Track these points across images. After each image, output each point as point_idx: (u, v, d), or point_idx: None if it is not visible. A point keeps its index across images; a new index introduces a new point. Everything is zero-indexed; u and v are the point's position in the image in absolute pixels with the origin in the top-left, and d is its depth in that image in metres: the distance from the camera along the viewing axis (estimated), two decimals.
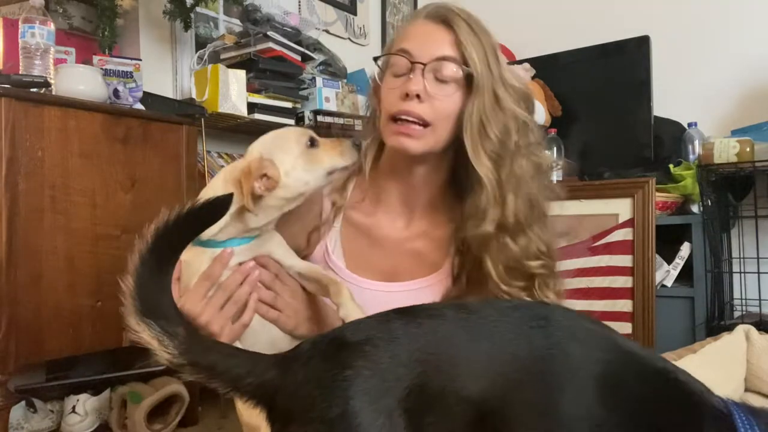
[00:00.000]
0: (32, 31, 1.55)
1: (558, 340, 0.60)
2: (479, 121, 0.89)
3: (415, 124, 0.90)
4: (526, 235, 0.90)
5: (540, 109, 2.26)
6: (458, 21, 0.92)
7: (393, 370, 0.57)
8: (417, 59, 0.90)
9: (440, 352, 0.59)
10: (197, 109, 1.96)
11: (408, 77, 0.90)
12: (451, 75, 0.90)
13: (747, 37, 2.29)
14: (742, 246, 2.15)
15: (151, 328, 0.60)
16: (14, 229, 1.43)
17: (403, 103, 0.89)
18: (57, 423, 1.69)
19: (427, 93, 0.89)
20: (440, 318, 0.62)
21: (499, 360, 0.59)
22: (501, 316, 0.63)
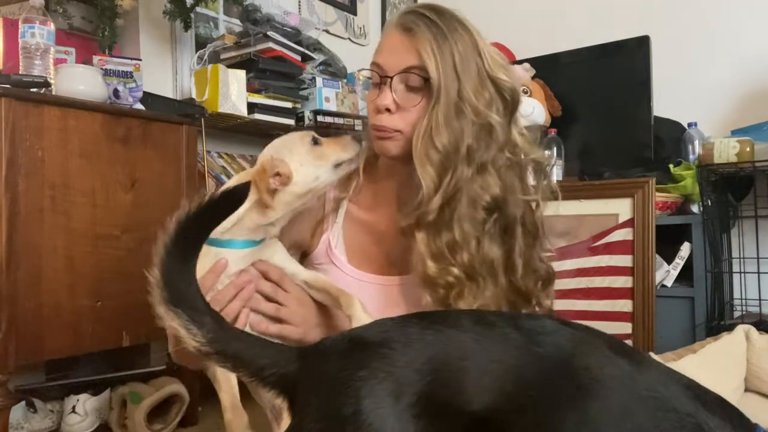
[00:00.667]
0: (32, 31, 1.55)
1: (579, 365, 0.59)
2: (428, 128, 0.92)
3: (390, 132, 0.96)
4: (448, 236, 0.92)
5: (540, 109, 2.27)
6: (421, 29, 0.93)
7: (406, 375, 0.58)
8: (385, 73, 0.95)
9: (451, 363, 0.59)
10: (197, 109, 1.96)
11: (380, 90, 0.96)
12: (416, 84, 0.94)
13: (747, 37, 2.29)
14: (742, 246, 2.15)
15: (179, 317, 0.61)
16: (14, 229, 1.43)
17: (377, 116, 0.96)
18: (57, 423, 1.69)
19: (396, 105, 0.94)
20: (457, 328, 0.63)
21: (507, 378, 0.59)
22: (516, 331, 0.63)
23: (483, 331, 0.63)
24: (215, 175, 2.13)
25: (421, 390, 0.57)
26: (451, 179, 0.91)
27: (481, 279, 0.93)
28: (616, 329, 1.82)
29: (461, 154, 0.91)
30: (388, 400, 0.57)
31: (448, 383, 0.58)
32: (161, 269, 0.62)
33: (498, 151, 0.94)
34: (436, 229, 0.92)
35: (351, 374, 0.58)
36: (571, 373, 0.59)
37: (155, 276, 0.62)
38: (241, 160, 2.31)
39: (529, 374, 0.59)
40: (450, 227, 0.91)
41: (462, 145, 0.91)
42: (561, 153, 2.22)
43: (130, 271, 1.66)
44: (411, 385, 0.57)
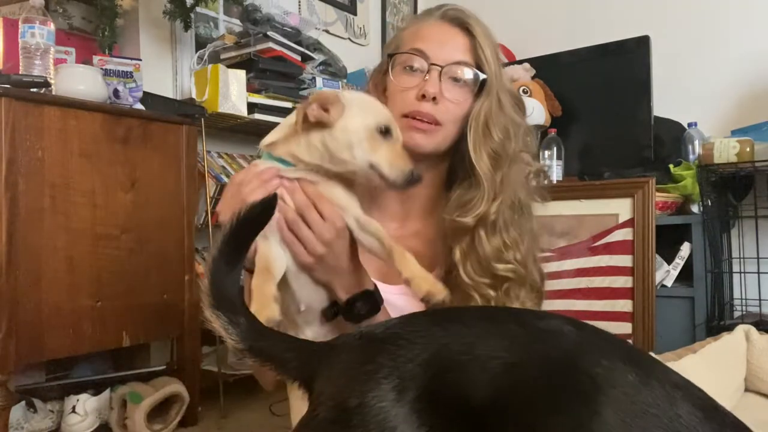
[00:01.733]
0: (32, 31, 1.55)
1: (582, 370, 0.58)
2: (485, 121, 0.91)
3: (427, 123, 0.92)
4: (502, 237, 0.92)
5: (540, 109, 2.26)
6: (475, 26, 0.94)
7: (411, 370, 0.60)
8: (434, 61, 0.91)
9: (454, 358, 0.61)
10: (197, 109, 1.96)
11: (424, 78, 0.91)
12: (466, 79, 0.92)
13: (747, 37, 2.29)
14: (742, 246, 2.14)
15: (220, 319, 0.68)
16: (14, 229, 1.43)
17: (419, 103, 0.91)
18: (57, 423, 1.69)
19: (442, 95, 0.91)
20: (463, 323, 0.65)
21: (506, 375, 0.59)
22: (521, 328, 0.64)
23: (487, 327, 0.64)
24: (215, 175, 2.13)
25: (425, 385, 0.59)
26: (504, 176, 0.91)
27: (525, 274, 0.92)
28: (616, 329, 1.82)
29: (510, 151, 0.92)
30: (392, 394, 0.59)
31: (450, 378, 0.60)
32: (209, 277, 0.69)
33: (520, 152, 0.95)
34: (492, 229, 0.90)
35: (359, 368, 0.62)
36: (571, 376, 0.58)
37: (204, 284, 0.68)
38: (241, 160, 2.31)
39: (528, 373, 0.59)
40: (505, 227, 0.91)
41: (510, 142, 0.92)
42: (561, 153, 2.22)
43: (130, 271, 1.66)
44: (415, 380, 0.59)
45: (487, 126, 0.91)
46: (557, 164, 2.20)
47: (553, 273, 1.96)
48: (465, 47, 0.93)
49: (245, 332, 0.68)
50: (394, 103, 0.94)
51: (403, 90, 0.93)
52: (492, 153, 0.91)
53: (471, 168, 0.92)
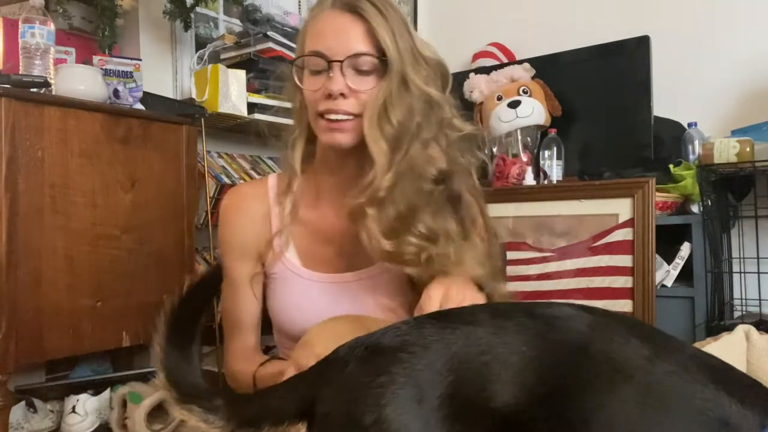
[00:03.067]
0: (32, 31, 1.55)
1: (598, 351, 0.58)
2: (383, 104, 0.90)
3: (343, 121, 0.93)
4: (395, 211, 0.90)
5: (540, 109, 2.26)
6: (366, 8, 0.91)
7: (427, 378, 0.57)
8: (332, 58, 0.91)
9: (472, 360, 0.58)
10: (197, 109, 1.96)
11: (328, 76, 0.91)
12: (368, 68, 0.92)
13: (747, 37, 2.28)
14: (742, 246, 2.14)
15: (193, 413, 0.63)
16: (14, 229, 1.43)
17: (329, 101, 0.92)
18: (57, 423, 1.69)
19: (348, 89, 0.91)
20: (474, 323, 0.62)
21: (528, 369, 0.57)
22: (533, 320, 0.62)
23: (500, 323, 0.61)
24: (215, 175, 2.13)
25: (444, 391, 0.56)
26: (404, 155, 0.90)
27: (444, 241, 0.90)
28: None
29: (412, 130, 0.91)
30: (411, 404, 0.55)
31: (471, 381, 0.57)
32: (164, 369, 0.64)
33: (440, 126, 0.95)
34: (383, 205, 0.89)
35: (371, 381, 0.57)
36: (589, 359, 0.57)
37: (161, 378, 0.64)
38: (241, 160, 2.31)
39: (547, 363, 0.57)
40: (395, 201, 0.89)
41: (413, 121, 0.91)
42: (561, 153, 2.22)
43: (130, 271, 1.66)
44: (433, 388, 0.56)
45: (386, 109, 0.90)
46: (557, 164, 2.20)
47: (553, 273, 1.96)
48: (360, 34, 0.91)
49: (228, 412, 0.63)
50: (308, 105, 0.96)
51: (312, 93, 0.94)
52: (389, 135, 0.90)
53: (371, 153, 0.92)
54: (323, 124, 0.94)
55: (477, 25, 2.82)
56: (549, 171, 2.18)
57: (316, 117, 0.95)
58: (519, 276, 2.01)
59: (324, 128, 0.94)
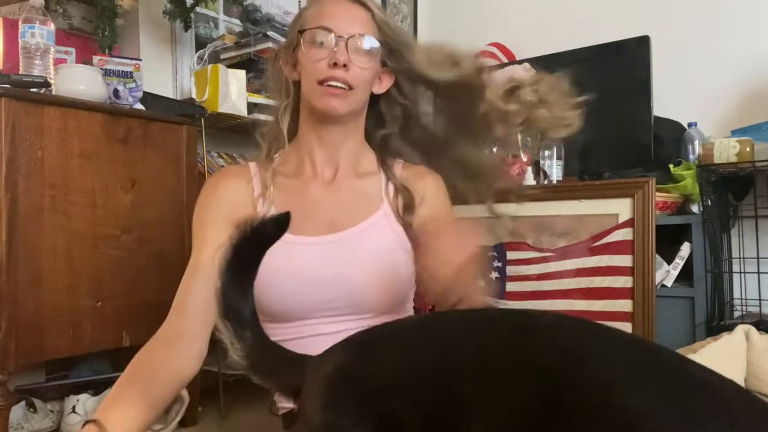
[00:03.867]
0: (32, 31, 1.55)
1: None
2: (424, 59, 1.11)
3: (342, 89, 1.03)
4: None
5: None
6: (367, 2, 1.08)
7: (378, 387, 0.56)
8: (340, 34, 1.03)
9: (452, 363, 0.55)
10: (197, 109, 1.96)
11: (333, 49, 1.02)
12: (369, 47, 1.05)
13: (747, 37, 2.28)
14: (742, 246, 2.14)
15: (227, 330, 0.66)
16: (14, 229, 1.43)
17: (331, 70, 1.02)
18: (57, 423, 1.69)
19: (351, 62, 1.02)
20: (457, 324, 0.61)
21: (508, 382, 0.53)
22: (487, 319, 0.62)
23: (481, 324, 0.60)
24: None
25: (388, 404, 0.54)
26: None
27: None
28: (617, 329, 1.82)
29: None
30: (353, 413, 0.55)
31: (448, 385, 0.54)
32: (220, 285, 0.67)
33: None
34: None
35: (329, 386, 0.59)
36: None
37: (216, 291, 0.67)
38: (241, 160, 2.31)
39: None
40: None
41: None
42: (561, 153, 2.22)
43: (130, 271, 1.67)
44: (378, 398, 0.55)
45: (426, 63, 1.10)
46: (557, 164, 2.20)
47: (553, 273, 1.96)
48: (364, 20, 1.06)
49: (249, 348, 0.66)
50: (308, 73, 1.05)
51: (315, 62, 1.03)
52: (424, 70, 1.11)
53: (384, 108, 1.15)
54: (322, 90, 1.03)
55: (477, 25, 2.82)
56: (549, 171, 2.18)
57: (314, 85, 1.04)
58: (519, 276, 2.01)
59: (323, 94, 1.03)
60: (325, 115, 1.06)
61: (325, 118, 1.06)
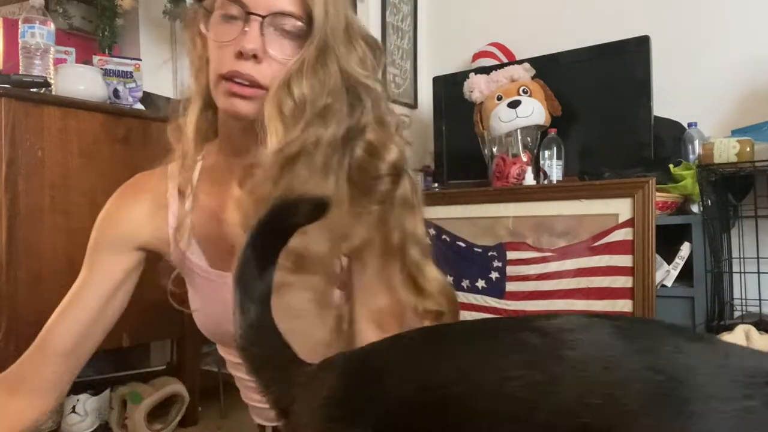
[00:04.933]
0: (32, 31, 1.55)
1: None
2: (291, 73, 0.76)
3: (248, 87, 0.77)
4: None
5: (540, 109, 2.26)
6: None
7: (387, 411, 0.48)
8: (253, 10, 0.75)
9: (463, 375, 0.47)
10: None
11: (243, 30, 0.75)
12: (292, 31, 0.77)
13: (747, 38, 2.29)
14: (742, 246, 2.14)
15: (234, 295, 0.58)
16: (14, 229, 1.43)
17: (236, 62, 0.76)
18: (57, 423, 1.69)
19: (264, 52, 0.76)
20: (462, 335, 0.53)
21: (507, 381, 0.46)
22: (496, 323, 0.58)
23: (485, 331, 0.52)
24: None
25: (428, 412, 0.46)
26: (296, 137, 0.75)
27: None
28: None
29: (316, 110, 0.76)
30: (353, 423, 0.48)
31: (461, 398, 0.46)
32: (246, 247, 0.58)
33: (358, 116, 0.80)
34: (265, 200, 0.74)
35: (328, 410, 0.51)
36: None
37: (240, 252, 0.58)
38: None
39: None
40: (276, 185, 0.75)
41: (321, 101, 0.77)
42: (561, 153, 2.22)
43: None
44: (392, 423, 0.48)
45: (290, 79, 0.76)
46: (557, 164, 2.20)
47: (553, 273, 1.96)
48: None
49: (247, 325, 0.58)
50: (211, 61, 0.80)
51: (220, 46, 0.78)
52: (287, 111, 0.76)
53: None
54: (225, 87, 0.78)
55: (477, 25, 2.82)
56: (549, 171, 2.18)
57: (217, 79, 0.78)
58: (519, 276, 2.01)
59: (225, 92, 0.78)
60: (232, 119, 0.81)
61: (234, 120, 0.82)
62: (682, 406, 0.40)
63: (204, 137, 0.89)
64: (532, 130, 2.26)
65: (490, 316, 2.11)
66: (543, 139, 2.25)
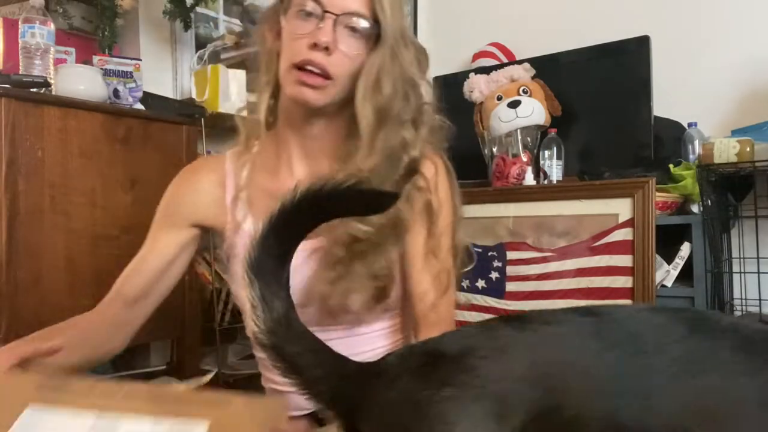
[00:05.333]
0: (32, 31, 1.55)
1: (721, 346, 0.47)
2: (376, 75, 0.88)
3: (318, 76, 0.87)
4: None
5: (540, 109, 2.26)
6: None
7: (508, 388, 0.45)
8: (329, 8, 0.86)
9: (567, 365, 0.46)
10: (197, 109, 1.96)
11: (318, 26, 0.86)
12: (361, 30, 0.88)
13: (747, 38, 2.28)
14: (742, 246, 2.14)
15: (252, 287, 0.53)
16: (14, 229, 1.43)
17: (310, 52, 0.86)
18: None
19: (335, 45, 0.86)
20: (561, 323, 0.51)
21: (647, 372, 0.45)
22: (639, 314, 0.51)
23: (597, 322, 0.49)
24: None
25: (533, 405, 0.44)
26: (385, 134, 0.88)
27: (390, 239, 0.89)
28: None
29: (395, 108, 0.89)
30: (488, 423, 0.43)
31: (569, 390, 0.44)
32: (263, 232, 0.54)
33: (418, 112, 0.93)
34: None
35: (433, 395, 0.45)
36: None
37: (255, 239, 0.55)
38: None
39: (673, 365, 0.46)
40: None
41: (397, 99, 0.89)
42: (561, 153, 2.22)
43: None
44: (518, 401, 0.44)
45: (378, 80, 0.88)
46: (557, 164, 2.20)
47: (553, 273, 1.96)
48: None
49: (275, 321, 0.53)
50: (285, 51, 0.90)
51: (295, 38, 0.87)
52: (378, 108, 0.88)
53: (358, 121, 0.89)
54: (295, 75, 0.87)
55: (477, 25, 2.81)
56: (549, 171, 2.18)
57: (289, 67, 0.88)
58: (519, 276, 2.01)
59: (295, 80, 0.87)
60: (299, 105, 0.91)
61: (299, 107, 0.91)
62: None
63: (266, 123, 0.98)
64: (532, 130, 2.26)
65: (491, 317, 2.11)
66: (543, 139, 2.25)
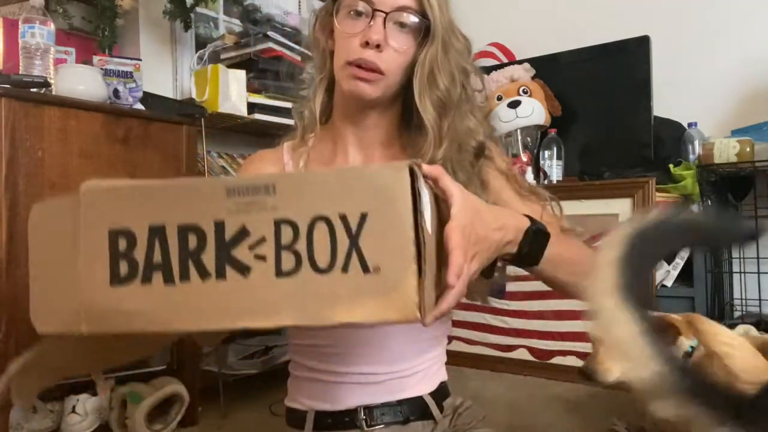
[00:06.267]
0: (32, 31, 1.55)
1: None
2: (430, 69, 0.92)
3: (372, 71, 0.91)
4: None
5: (540, 109, 2.27)
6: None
7: None
8: (378, 7, 0.90)
9: None
10: (197, 109, 1.96)
11: (368, 24, 0.90)
12: (410, 24, 0.92)
13: (747, 37, 2.29)
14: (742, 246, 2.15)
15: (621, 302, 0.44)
16: (14, 229, 1.43)
17: (362, 50, 0.90)
18: (57, 423, 1.69)
19: (386, 43, 0.90)
20: None
21: None
22: None
23: None
24: (215, 175, 2.13)
25: None
26: (449, 124, 0.92)
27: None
28: None
29: (455, 98, 0.93)
30: None
31: None
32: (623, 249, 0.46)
33: (474, 99, 0.98)
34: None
35: None
36: None
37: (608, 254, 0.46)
38: (241, 160, 2.31)
39: None
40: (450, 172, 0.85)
41: (456, 89, 0.93)
42: (561, 153, 2.22)
43: None
44: None
45: (432, 74, 0.92)
46: (557, 164, 2.20)
47: None
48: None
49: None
50: (338, 50, 0.95)
51: (347, 37, 0.92)
52: (437, 101, 0.92)
53: (418, 115, 0.93)
54: (350, 71, 0.92)
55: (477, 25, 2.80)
56: (549, 171, 2.18)
57: (344, 65, 0.93)
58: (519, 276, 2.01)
59: (350, 76, 0.92)
60: (354, 99, 0.95)
61: (354, 100, 0.96)
62: None
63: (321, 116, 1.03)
64: (532, 130, 2.26)
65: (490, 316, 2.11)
66: (543, 139, 2.25)
